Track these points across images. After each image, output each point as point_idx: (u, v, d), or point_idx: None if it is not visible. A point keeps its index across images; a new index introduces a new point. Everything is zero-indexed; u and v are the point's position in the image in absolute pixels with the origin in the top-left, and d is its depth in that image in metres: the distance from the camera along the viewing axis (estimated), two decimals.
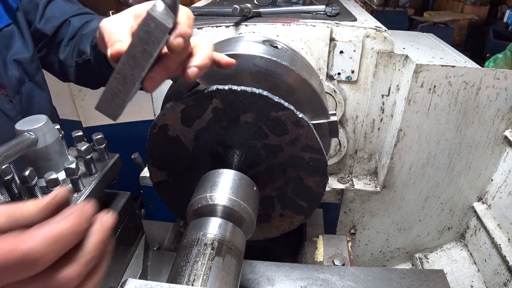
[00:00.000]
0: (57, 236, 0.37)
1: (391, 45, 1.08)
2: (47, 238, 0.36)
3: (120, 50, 0.54)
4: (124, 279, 0.54)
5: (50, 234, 0.36)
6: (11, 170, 0.69)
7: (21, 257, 0.35)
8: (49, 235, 0.36)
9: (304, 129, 0.68)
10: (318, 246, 1.08)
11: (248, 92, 0.65)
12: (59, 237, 0.37)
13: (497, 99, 1.09)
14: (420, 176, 1.26)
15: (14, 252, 0.35)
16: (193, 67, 0.60)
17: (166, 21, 0.52)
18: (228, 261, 0.57)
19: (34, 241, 0.35)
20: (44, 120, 0.74)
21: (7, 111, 1.02)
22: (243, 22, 1.09)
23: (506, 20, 5.65)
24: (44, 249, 0.36)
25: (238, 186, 0.66)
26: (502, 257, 1.16)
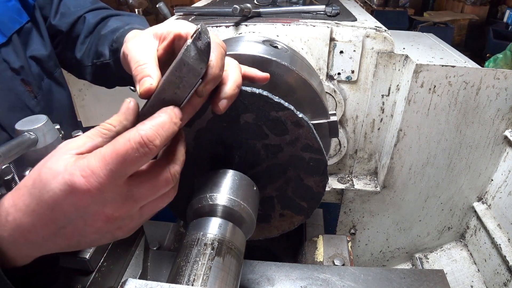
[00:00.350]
0: (161, 124, 0.47)
1: (391, 45, 1.08)
2: (154, 126, 0.46)
3: (150, 88, 0.53)
4: (124, 279, 0.55)
5: (155, 123, 0.47)
6: (11, 170, 0.69)
7: (138, 143, 0.45)
8: (154, 124, 0.47)
9: (304, 129, 0.68)
10: (318, 246, 1.08)
11: (248, 92, 0.65)
12: (163, 124, 0.47)
13: (497, 99, 1.09)
14: (420, 176, 1.26)
15: (132, 140, 0.45)
16: (223, 100, 0.59)
17: (198, 66, 0.51)
18: (228, 261, 0.57)
19: (145, 129, 0.46)
20: (44, 120, 0.74)
21: (32, 107, 1.04)
22: (243, 22, 1.09)
23: (506, 20, 5.65)
24: (154, 134, 0.46)
25: (238, 186, 0.66)
26: (502, 257, 1.16)
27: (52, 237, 0.49)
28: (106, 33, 1.07)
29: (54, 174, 0.45)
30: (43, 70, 1.10)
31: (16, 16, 1.01)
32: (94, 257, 0.71)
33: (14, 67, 1.00)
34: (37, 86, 1.07)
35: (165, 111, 0.49)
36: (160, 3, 1.31)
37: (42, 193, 0.46)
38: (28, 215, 0.47)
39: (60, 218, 0.47)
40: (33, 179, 0.47)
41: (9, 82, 0.99)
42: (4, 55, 0.97)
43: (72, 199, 0.45)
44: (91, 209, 0.47)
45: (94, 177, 0.44)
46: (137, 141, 0.45)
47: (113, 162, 0.44)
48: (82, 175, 0.44)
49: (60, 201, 0.45)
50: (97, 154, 0.45)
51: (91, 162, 0.45)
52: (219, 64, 0.56)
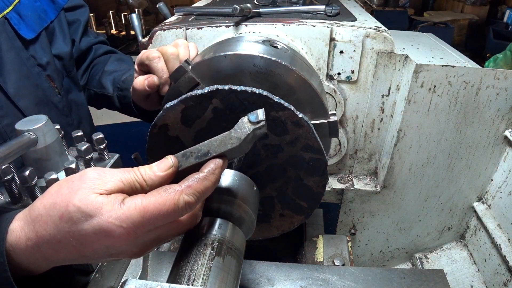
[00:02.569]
0: (204, 192, 0.51)
1: (391, 45, 1.08)
2: (198, 193, 0.50)
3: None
4: (124, 279, 0.55)
5: (199, 190, 0.50)
6: (11, 170, 0.69)
7: (180, 208, 0.49)
8: (198, 191, 0.50)
9: (304, 129, 0.68)
10: (318, 246, 1.08)
11: (248, 92, 0.65)
12: (205, 192, 0.52)
13: (497, 99, 1.09)
14: (420, 176, 1.26)
15: (177, 204, 0.48)
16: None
17: (246, 148, 0.54)
18: (228, 261, 0.57)
19: (190, 194, 0.49)
20: (44, 120, 0.74)
21: (56, 103, 1.08)
22: (243, 22, 1.09)
23: (506, 20, 5.65)
24: (196, 200, 0.50)
25: (238, 186, 0.66)
26: (502, 257, 1.16)
27: (74, 260, 0.52)
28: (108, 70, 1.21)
29: (86, 215, 0.47)
30: (64, 68, 1.15)
31: (43, 15, 1.06)
32: None
33: (41, 63, 1.04)
34: (60, 83, 1.11)
35: (210, 171, 0.52)
36: (160, 3, 1.31)
37: (72, 230, 0.47)
38: (52, 245, 0.49)
39: (87, 251, 0.49)
40: (60, 212, 0.48)
41: (36, 78, 1.03)
42: (32, 52, 1.02)
43: (106, 242, 0.48)
44: (121, 249, 0.50)
45: (134, 229, 0.48)
46: (181, 207, 0.49)
47: (153, 218, 0.48)
48: (122, 226, 0.47)
49: (93, 241, 0.48)
50: (139, 206, 0.48)
51: (132, 214, 0.47)
52: None
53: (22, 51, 0.98)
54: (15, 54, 0.96)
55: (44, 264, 0.52)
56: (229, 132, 0.55)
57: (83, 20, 1.22)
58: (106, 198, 0.48)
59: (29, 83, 0.99)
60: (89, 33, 1.30)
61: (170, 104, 0.68)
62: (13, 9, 0.95)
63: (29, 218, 0.51)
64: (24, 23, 0.98)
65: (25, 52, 0.99)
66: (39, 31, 1.03)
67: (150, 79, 0.82)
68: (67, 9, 1.15)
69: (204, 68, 0.75)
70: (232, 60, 0.73)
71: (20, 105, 0.96)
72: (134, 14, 1.74)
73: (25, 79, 0.98)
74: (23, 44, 0.98)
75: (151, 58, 0.82)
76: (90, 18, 1.26)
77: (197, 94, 0.67)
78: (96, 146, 0.83)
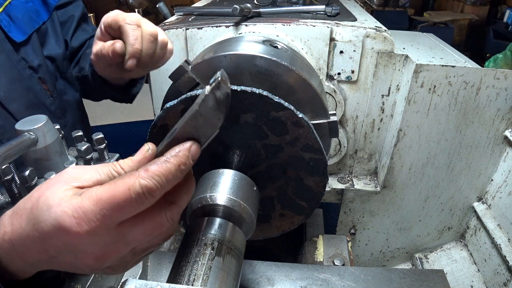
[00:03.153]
0: (166, 174, 0.44)
1: (391, 45, 1.08)
2: (158, 175, 0.44)
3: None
4: (124, 279, 0.54)
5: (159, 172, 0.44)
6: (11, 170, 0.69)
7: (137, 194, 0.42)
8: (158, 173, 0.44)
9: (304, 129, 0.68)
10: (318, 246, 1.08)
11: (248, 92, 0.65)
12: (166, 177, 0.44)
13: (497, 99, 1.09)
14: (420, 176, 1.26)
15: (131, 190, 0.42)
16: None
17: (215, 118, 0.47)
18: (228, 261, 0.57)
19: (147, 179, 0.43)
20: (44, 120, 0.74)
21: (48, 105, 1.06)
22: (243, 22, 1.09)
23: (506, 20, 5.65)
24: (155, 185, 0.43)
25: (238, 186, 0.66)
26: (502, 257, 1.16)
27: (46, 263, 0.48)
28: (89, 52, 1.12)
29: (48, 205, 0.44)
30: (57, 69, 1.13)
31: (35, 16, 1.03)
32: None
33: (33, 66, 1.02)
34: (53, 85, 1.09)
35: (173, 154, 0.46)
36: (160, 3, 1.31)
37: (36, 221, 0.45)
38: (23, 239, 0.46)
39: (50, 249, 0.46)
40: (32, 203, 0.46)
41: (28, 81, 1.01)
42: (23, 54, 1.00)
43: (61, 237, 0.44)
44: (80, 248, 0.45)
45: (86, 220, 0.43)
46: (137, 192, 0.43)
47: (108, 207, 0.43)
48: (74, 215, 0.43)
49: (51, 235, 0.44)
50: (93, 195, 0.43)
51: (85, 204, 0.43)
52: None
53: (13, 53, 0.96)
54: (5, 57, 0.94)
55: (22, 265, 0.49)
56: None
57: (77, 16, 1.17)
58: (71, 190, 0.45)
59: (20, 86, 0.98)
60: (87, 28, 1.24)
61: (170, 104, 0.68)
62: (3, 11, 0.94)
63: (11, 213, 0.49)
64: (15, 25, 0.96)
65: (16, 55, 0.97)
66: (29, 33, 1.01)
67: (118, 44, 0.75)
68: (59, 6, 1.12)
69: (204, 68, 0.75)
70: (232, 60, 0.73)
71: (11, 108, 0.94)
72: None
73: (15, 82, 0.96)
74: (13, 47, 0.96)
75: (129, 21, 0.76)
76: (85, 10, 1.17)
77: (197, 94, 0.67)
78: (96, 146, 0.83)
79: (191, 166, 0.47)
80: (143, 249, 0.50)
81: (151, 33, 0.79)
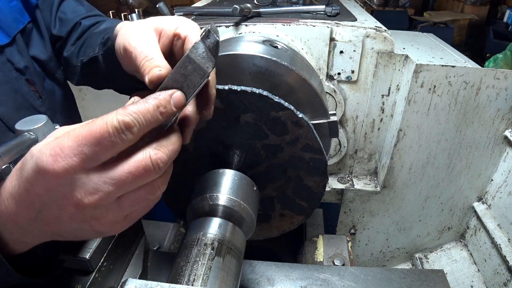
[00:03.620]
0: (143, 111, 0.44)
1: (391, 45, 1.08)
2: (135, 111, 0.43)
3: (160, 75, 0.52)
4: (124, 279, 0.54)
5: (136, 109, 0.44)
6: (11, 170, 0.69)
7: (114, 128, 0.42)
8: (135, 110, 0.44)
9: (304, 129, 0.68)
10: (318, 246, 1.08)
11: (248, 92, 0.65)
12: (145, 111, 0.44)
13: (497, 99, 1.09)
14: (420, 176, 1.26)
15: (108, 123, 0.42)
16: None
17: (205, 65, 0.49)
18: (228, 261, 0.57)
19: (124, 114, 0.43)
20: (44, 120, 0.74)
21: (38, 107, 1.04)
22: (243, 22, 1.09)
23: (506, 20, 5.65)
24: (132, 120, 0.43)
25: (238, 186, 0.66)
26: (502, 257, 1.16)
27: (34, 222, 0.48)
28: (98, 31, 1.06)
29: (31, 155, 0.45)
30: (44, 70, 1.10)
31: (19, 16, 1.01)
32: (94, 257, 0.71)
33: (19, 67, 1.00)
34: (41, 86, 1.07)
35: (153, 96, 0.46)
36: (160, 3, 1.31)
37: (21, 175, 0.46)
38: (13, 197, 0.47)
39: (35, 201, 0.45)
40: (20, 162, 0.47)
41: (15, 83, 0.99)
42: (8, 56, 0.98)
43: (41, 181, 0.43)
44: (60, 192, 0.44)
45: (62, 156, 0.42)
46: (114, 125, 0.42)
47: (85, 143, 0.42)
48: (50, 153, 0.42)
49: (32, 182, 0.44)
50: (70, 133, 0.43)
51: (62, 141, 0.42)
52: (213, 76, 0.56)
53: None
54: None
55: (14, 231, 0.49)
56: None
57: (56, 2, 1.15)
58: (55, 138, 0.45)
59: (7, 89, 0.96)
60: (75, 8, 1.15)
61: None
62: None
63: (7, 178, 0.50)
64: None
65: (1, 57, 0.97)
66: (13, 35, 0.99)
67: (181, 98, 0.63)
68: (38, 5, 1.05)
69: None
70: (232, 60, 0.73)
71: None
72: (134, 14, 1.74)
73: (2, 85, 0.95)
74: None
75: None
76: None
77: None
78: None
79: (173, 112, 0.47)
80: (130, 201, 0.47)
81: None
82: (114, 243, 0.78)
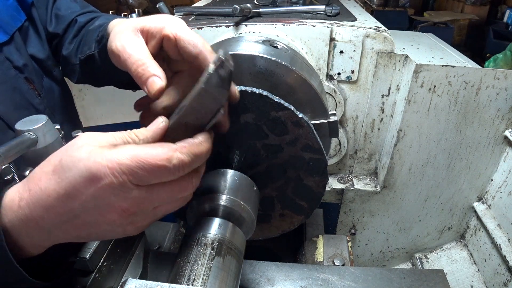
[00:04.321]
0: (199, 155, 0.50)
1: (391, 45, 1.08)
2: (195, 155, 0.49)
3: (162, 87, 0.55)
4: (124, 279, 0.54)
5: (193, 152, 0.49)
6: (11, 170, 0.69)
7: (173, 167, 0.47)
8: (194, 153, 0.49)
9: (304, 129, 0.68)
10: (318, 246, 1.08)
11: (248, 92, 0.65)
12: (198, 157, 0.50)
13: (497, 99, 1.09)
14: (420, 176, 1.26)
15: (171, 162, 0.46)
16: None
17: (220, 95, 0.52)
18: (228, 261, 0.57)
19: (185, 155, 0.48)
20: (44, 120, 0.74)
21: (37, 105, 1.04)
22: (243, 22, 1.08)
23: (506, 20, 5.65)
24: (191, 162, 0.49)
25: (238, 186, 0.66)
26: (502, 257, 1.16)
27: (63, 225, 0.48)
28: (92, 28, 1.05)
29: (75, 160, 0.45)
30: (42, 68, 1.10)
31: (16, 14, 1.01)
32: (94, 257, 0.71)
33: (18, 65, 1.00)
34: (40, 84, 1.07)
35: (205, 140, 0.52)
36: (160, 3, 1.31)
37: (62, 179, 0.45)
38: (42, 201, 0.46)
39: (75, 206, 0.46)
40: (53, 165, 0.47)
41: (13, 81, 0.99)
42: (6, 54, 0.97)
43: (91, 188, 0.45)
44: (108, 201, 0.46)
45: (120, 172, 0.44)
46: (173, 164, 0.46)
47: (143, 167, 0.45)
48: (108, 166, 0.44)
49: (79, 188, 0.45)
50: (129, 151, 0.45)
51: (120, 157, 0.44)
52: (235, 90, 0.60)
53: None
54: None
55: (36, 234, 0.49)
56: None
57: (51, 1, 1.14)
58: (97, 147, 0.46)
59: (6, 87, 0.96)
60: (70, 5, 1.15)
61: None
62: None
63: (25, 180, 0.50)
64: None
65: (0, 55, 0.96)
66: (12, 33, 0.99)
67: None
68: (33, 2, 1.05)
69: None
70: (232, 60, 0.73)
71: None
72: (134, 14, 1.74)
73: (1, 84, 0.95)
74: None
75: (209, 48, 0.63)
76: None
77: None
78: None
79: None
80: (164, 210, 0.53)
81: None
82: (114, 243, 0.78)
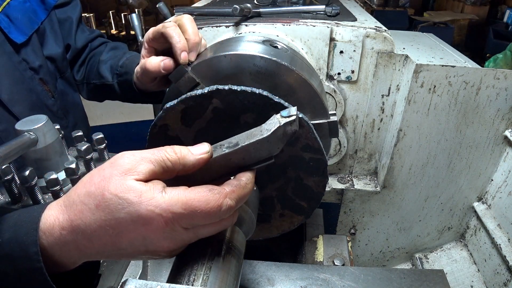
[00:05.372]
0: (243, 198, 0.52)
1: (391, 45, 1.08)
2: (239, 199, 0.51)
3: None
4: (124, 279, 0.54)
5: (240, 196, 0.52)
6: (11, 170, 0.69)
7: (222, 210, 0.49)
8: (239, 197, 0.51)
9: (304, 129, 0.68)
10: (318, 246, 1.08)
11: (248, 92, 0.65)
12: (243, 199, 0.53)
13: (497, 99, 1.09)
14: (420, 176, 1.26)
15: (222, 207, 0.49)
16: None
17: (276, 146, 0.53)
18: (228, 261, 0.57)
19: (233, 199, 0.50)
20: (44, 120, 0.74)
21: (50, 106, 1.06)
22: (243, 22, 1.09)
23: (506, 20, 5.65)
24: (237, 203, 0.51)
25: None
26: (502, 257, 1.16)
27: (106, 252, 0.50)
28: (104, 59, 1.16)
29: (125, 204, 0.45)
30: (57, 69, 1.13)
31: (33, 16, 1.03)
32: None
33: (34, 67, 1.02)
34: (53, 85, 1.09)
35: (250, 181, 0.53)
36: (160, 3, 1.31)
37: (109, 218, 0.46)
38: (87, 234, 0.47)
39: (123, 242, 0.48)
40: (96, 200, 0.46)
41: (29, 82, 1.00)
42: (23, 55, 0.99)
43: (143, 232, 0.47)
44: (157, 241, 0.48)
45: (173, 220, 0.46)
46: (223, 210, 0.49)
47: (197, 215, 0.47)
48: (162, 215, 0.46)
49: (130, 230, 0.46)
50: (182, 198, 0.47)
51: (173, 206, 0.46)
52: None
53: (13, 55, 0.95)
54: (7, 58, 0.93)
55: (76, 257, 0.50)
56: (260, 126, 0.54)
57: (75, 18, 1.16)
58: (144, 185, 0.46)
59: (23, 88, 0.97)
60: (84, 28, 1.25)
61: (170, 104, 0.68)
62: (2, 12, 0.92)
63: (63, 207, 0.49)
64: (14, 26, 0.95)
65: (17, 56, 0.96)
66: (30, 34, 1.00)
67: (167, 61, 0.77)
68: (58, 5, 1.11)
69: (204, 68, 0.75)
70: (232, 60, 0.73)
71: (15, 111, 0.94)
72: (134, 14, 1.74)
73: (18, 84, 0.96)
74: (14, 48, 0.95)
75: (166, 25, 0.77)
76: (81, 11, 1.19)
77: (197, 94, 0.67)
78: (96, 146, 0.83)
79: None
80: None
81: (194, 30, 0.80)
82: None
